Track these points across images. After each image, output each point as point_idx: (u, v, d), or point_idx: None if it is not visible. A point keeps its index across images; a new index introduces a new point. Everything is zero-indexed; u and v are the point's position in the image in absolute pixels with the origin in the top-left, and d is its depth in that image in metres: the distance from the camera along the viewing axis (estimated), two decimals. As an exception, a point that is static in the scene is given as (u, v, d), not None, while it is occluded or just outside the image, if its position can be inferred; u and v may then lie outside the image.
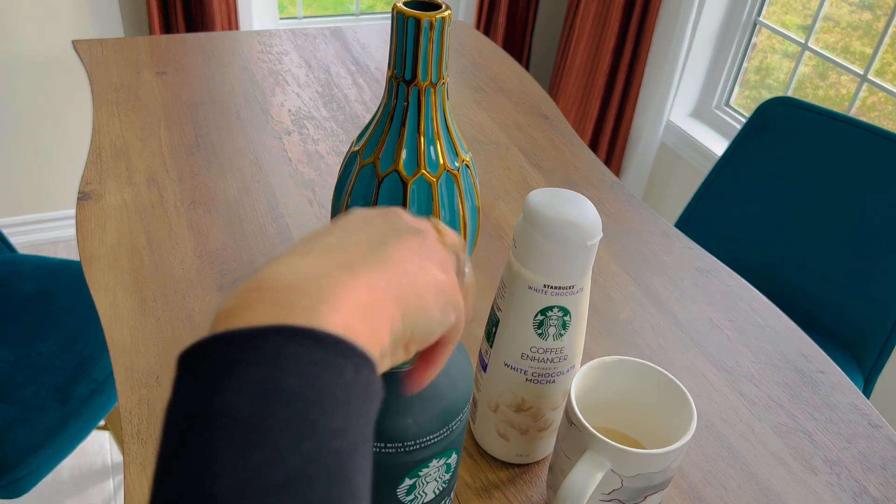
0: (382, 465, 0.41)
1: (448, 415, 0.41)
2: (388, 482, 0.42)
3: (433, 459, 0.42)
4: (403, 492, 0.43)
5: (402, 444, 0.40)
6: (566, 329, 0.52)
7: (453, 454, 0.44)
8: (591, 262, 0.50)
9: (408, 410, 0.40)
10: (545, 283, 0.49)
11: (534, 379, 0.54)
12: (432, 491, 0.45)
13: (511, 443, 0.58)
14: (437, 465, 0.43)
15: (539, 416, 0.56)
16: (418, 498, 0.44)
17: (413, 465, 0.42)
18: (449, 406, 0.41)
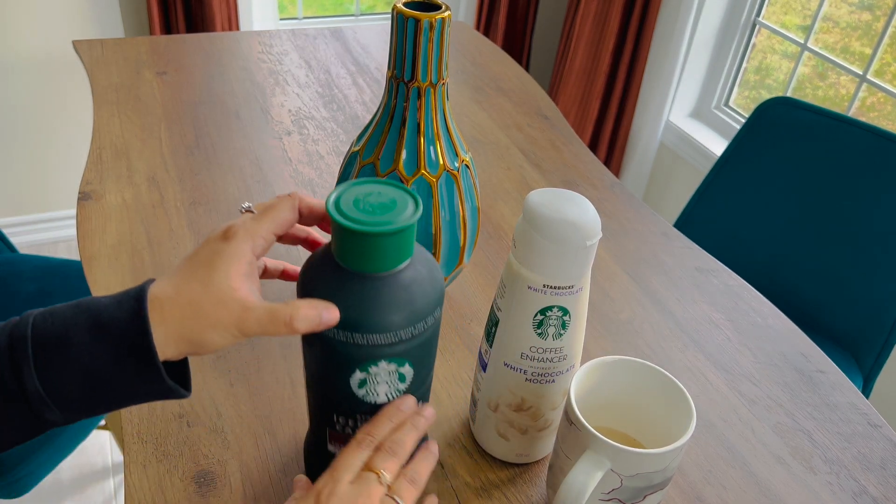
0: (337, 351, 0.45)
1: (399, 323, 0.44)
2: (341, 369, 0.46)
3: (382, 360, 0.46)
4: (356, 383, 0.47)
5: (353, 336, 0.44)
6: (566, 329, 0.52)
7: (406, 364, 0.47)
8: (590, 262, 0.50)
9: (363, 310, 0.43)
10: (545, 282, 0.49)
11: (533, 379, 0.54)
12: (384, 393, 0.48)
13: (511, 442, 0.58)
14: (387, 368, 0.46)
15: (539, 416, 0.56)
16: (370, 395, 0.48)
17: (363, 360, 0.45)
18: (402, 317, 0.44)
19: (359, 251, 0.43)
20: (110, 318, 0.40)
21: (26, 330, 0.39)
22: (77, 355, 0.39)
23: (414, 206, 0.44)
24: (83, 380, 0.39)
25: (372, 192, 0.45)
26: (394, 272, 0.44)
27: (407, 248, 0.44)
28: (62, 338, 0.39)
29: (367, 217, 0.43)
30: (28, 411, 0.39)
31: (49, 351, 0.39)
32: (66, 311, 0.40)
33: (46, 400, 0.39)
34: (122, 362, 0.39)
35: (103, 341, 0.39)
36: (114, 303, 0.40)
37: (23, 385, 0.38)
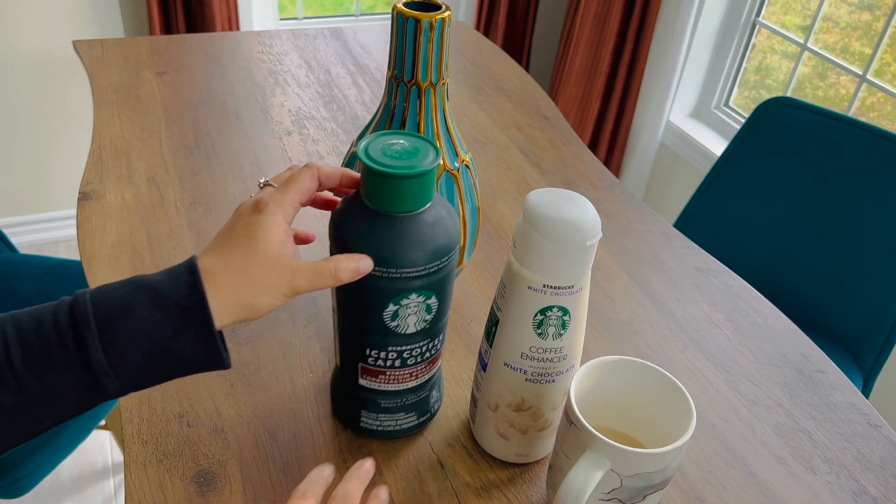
0: (372, 287, 0.50)
1: (427, 257, 0.50)
2: (376, 304, 0.51)
3: (413, 293, 0.51)
4: (388, 316, 0.52)
5: (387, 270, 0.49)
6: (566, 329, 0.52)
7: (433, 297, 0.52)
8: (590, 262, 0.50)
9: (395, 246, 0.49)
10: (545, 282, 0.49)
11: (533, 379, 0.54)
12: (414, 325, 0.53)
13: (511, 443, 0.58)
14: (416, 300, 0.52)
15: (539, 416, 0.56)
16: (401, 326, 0.53)
17: (396, 293, 0.51)
18: (429, 251, 0.50)
19: (393, 193, 0.48)
20: (167, 291, 0.42)
21: (86, 305, 0.41)
22: (139, 325, 0.41)
23: (435, 152, 0.50)
24: (144, 349, 0.41)
25: (395, 142, 0.50)
26: (421, 212, 0.50)
27: (431, 189, 0.50)
28: (124, 310, 0.41)
29: (397, 162, 0.48)
30: (89, 382, 0.41)
31: (113, 323, 0.41)
32: (122, 287, 0.42)
33: (108, 370, 0.41)
34: (181, 332, 0.42)
35: (163, 312, 0.41)
36: (167, 278, 0.43)
37: (87, 356, 0.40)
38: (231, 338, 0.69)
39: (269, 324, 0.71)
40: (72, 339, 0.40)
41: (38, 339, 0.40)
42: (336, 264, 0.46)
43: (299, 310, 0.73)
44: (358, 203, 0.51)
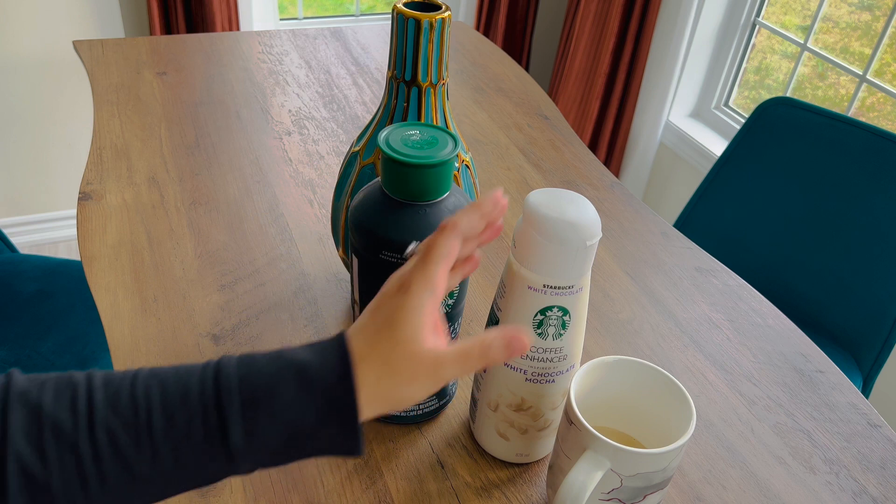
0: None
1: None
2: None
3: None
4: None
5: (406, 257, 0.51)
6: (566, 329, 0.52)
7: None
8: (590, 262, 0.50)
9: (421, 234, 0.51)
10: (545, 282, 0.49)
11: (533, 378, 0.54)
12: None
13: (511, 442, 0.58)
14: None
15: (539, 416, 0.56)
16: None
17: None
18: None
19: (417, 183, 0.50)
20: (317, 375, 0.40)
21: (231, 381, 0.39)
22: (283, 410, 0.39)
23: (454, 142, 0.51)
24: (284, 435, 0.39)
25: (413, 133, 0.52)
26: (442, 200, 0.52)
27: (451, 178, 0.52)
28: (270, 391, 0.39)
29: (418, 152, 0.50)
30: (223, 461, 0.39)
31: (258, 404, 0.39)
32: (270, 364, 0.40)
33: (245, 453, 0.39)
34: (324, 420, 0.40)
35: (310, 398, 0.39)
36: (317, 358, 0.41)
37: (227, 436, 0.38)
38: (231, 337, 0.69)
39: (269, 324, 0.71)
40: (215, 416, 0.39)
41: (183, 411, 0.38)
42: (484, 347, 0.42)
43: (299, 310, 0.73)
44: (378, 194, 0.52)
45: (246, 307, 0.73)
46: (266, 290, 0.75)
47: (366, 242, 0.52)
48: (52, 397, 0.38)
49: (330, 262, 0.80)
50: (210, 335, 0.69)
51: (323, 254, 0.81)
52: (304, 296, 0.75)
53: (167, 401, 0.39)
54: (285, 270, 0.78)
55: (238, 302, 0.73)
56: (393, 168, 0.50)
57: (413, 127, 0.53)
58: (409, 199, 0.51)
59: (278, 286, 0.76)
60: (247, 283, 0.76)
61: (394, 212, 0.51)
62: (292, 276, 0.78)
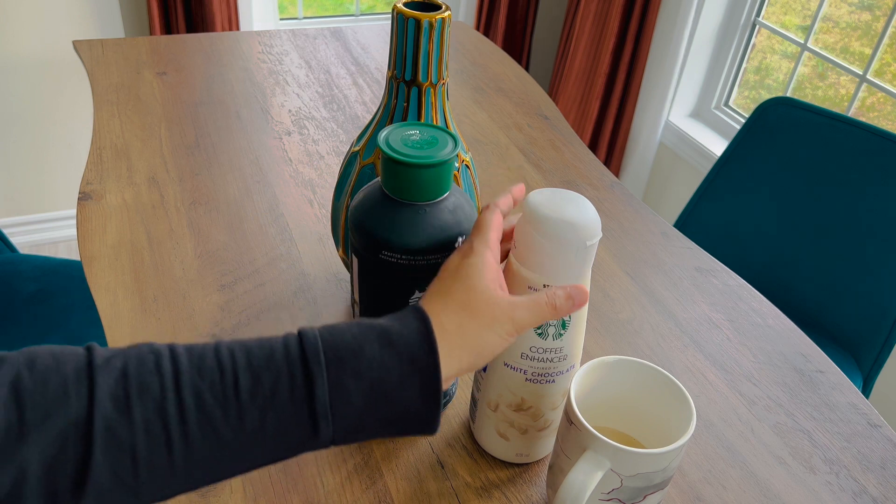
0: (399, 276, 0.52)
1: (451, 243, 0.52)
2: (402, 292, 0.53)
3: None
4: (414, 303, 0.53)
5: (414, 258, 0.51)
6: (566, 329, 0.52)
7: None
8: (590, 262, 0.50)
9: (421, 234, 0.51)
10: (544, 282, 0.49)
11: (533, 378, 0.54)
12: None
13: (511, 442, 0.58)
14: None
15: (539, 416, 0.56)
16: None
17: (422, 280, 0.53)
18: (453, 237, 0.52)
19: (417, 183, 0.50)
20: (398, 335, 0.41)
21: (316, 341, 0.40)
22: (368, 368, 0.40)
23: (454, 141, 0.52)
24: (368, 394, 0.40)
25: (413, 133, 0.52)
26: (442, 199, 0.52)
27: (451, 177, 0.52)
28: (356, 350, 0.40)
29: (418, 152, 0.50)
30: (307, 424, 0.39)
31: (343, 362, 0.39)
32: (352, 327, 0.41)
33: (328, 412, 0.39)
34: (406, 379, 0.40)
35: (393, 356, 0.40)
36: (396, 323, 0.42)
37: (312, 394, 0.39)
38: (231, 337, 0.69)
39: (269, 324, 0.71)
40: (301, 372, 0.39)
41: (269, 371, 0.38)
42: (551, 296, 0.46)
43: (299, 310, 0.73)
44: (378, 194, 0.52)
45: (246, 307, 0.73)
46: (266, 290, 0.75)
47: (366, 242, 0.52)
48: (136, 362, 0.38)
49: (330, 262, 0.80)
50: (210, 335, 0.69)
51: (323, 254, 0.81)
52: (304, 296, 0.75)
53: (252, 362, 0.39)
54: (285, 270, 0.78)
55: (238, 302, 0.73)
56: (393, 168, 0.50)
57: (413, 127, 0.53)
58: (409, 199, 0.51)
59: (278, 286, 0.76)
60: (247, 283, 0.76)
61: (394, 212, 0.51)
62: (292, 276, 0.78)
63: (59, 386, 0.36)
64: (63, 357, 0.37)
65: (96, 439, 0.35)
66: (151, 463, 0.36)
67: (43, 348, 0.38)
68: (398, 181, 0.51)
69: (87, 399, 0.36)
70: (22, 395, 0.35)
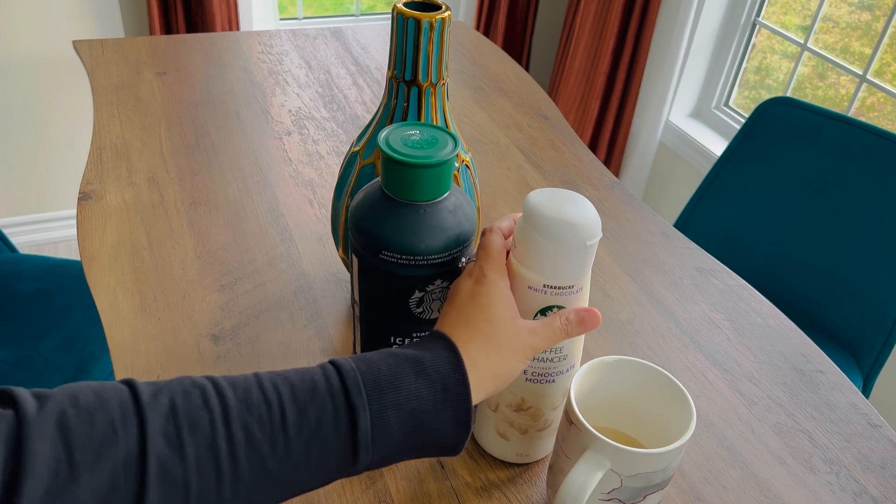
0: (399, 277, 0.52)
1: (450, 243, 0.52)
2: (403, 292, 0.53)
3: (437, 279, 0.53)
4: (414, 303, 0.54)
5: (414, 258, 0.51)
6: None
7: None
8: (590, 262, 0.50)
9: (421, 234, 0.51)
10: (545, 282, 0.49)
11: (533, 378, 0.54)
12: (437, 309, 0.55)
13: (511, 443, 0.58)
14: (441, 286, 0.54)
15: (539, 416, 0.56)
16: (425, 312, 0.55)
17: (422, 280, 0.53)
18: (452, 237, 0.52)
19: (417, 183, 0.50)
20: (432, 365, 0.43)
21: (355, 374, 0.41)
22: (406, 398, 0.41)
23: (453, 141, 0.52)
24: (406, 423, 0.41)
25: (413, 133, 0.52)
26: (442, 199, 0.52)
27: (451, 177, 0.52)
28: (394, 381, 0.41)
29: (418, 152, 0.50)
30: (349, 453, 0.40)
31: (384, 392, 0.41)
32: (385, 359, 0.43)
33: (370, 443, 0.40)
34: (441, 408, 0.42)
35: (428, 386, 0.42)
36: (426, 353, 0.43)
37: (356, 426, 0.40)
38: (231, 337, 0.69)
39: (269, 324, 0.71)
40: (343, 404, 0.40)
41: (314, 405, 0.39)
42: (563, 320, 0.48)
43: (299, 310, 0.73)
44: (378, 194, 0.53)
45: (246, 307, 0.73)
46: (266, 290, 0.75)
47: (366, 242, 0.52)
48: (183, 398, 0.38)
49: (330, 262, 0.80)
50: (210, 335, 0.69)
51: (323, 254, 0.81)
52: (304, 296, 0.75)
53: (297, 396, 0.39)
54: (285, 270, 0.78)
55: (238, 302, 0.73)
56: (393, 168, 0.50)
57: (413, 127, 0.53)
58: (409, 199, 0.51)
59: (278, 286, 0.76)
60: (247, 283, 0.76)
61: (394, 212, 0.51)
62: (292, 276, 0.78)
63: (106, 423, 0.35)
64: (105, 393, 0.37)
65: (150, 477, 0.35)
66: (202, 498, 0.37)
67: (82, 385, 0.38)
68: (398, 181, 0.51)
69: (139, 436, 0.36)
70: (69, 434, 0.35)
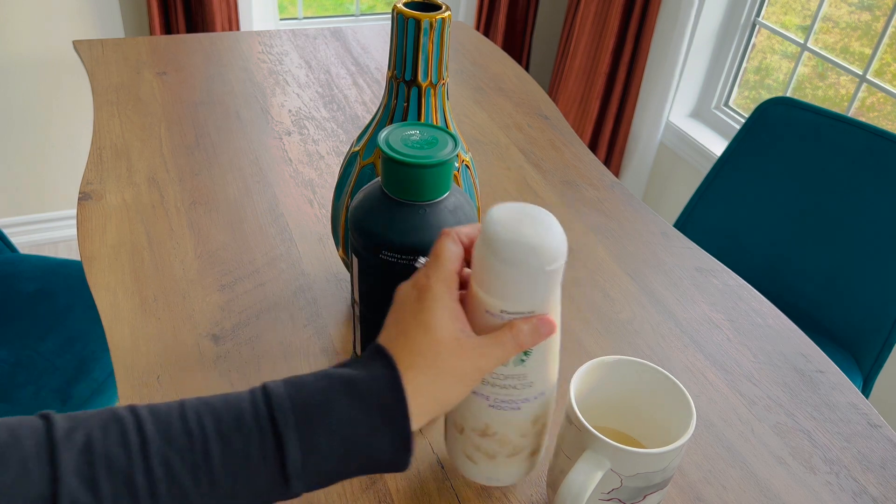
0: (399, 277, 0.52)
1: None
2: None
3: None
4: None
5: (415, 259, 0.51)
6: (528, 355, 0.47)
7: None
8: (554, 287, 0.45)
9: (421, 234, 0.51)
10: (502, 308, 0.44)
11: (496, 405, 0.49)
12: None
13: (479, 466, 0.53)
14: None
15: (506, 443, 0.51)
16: None
17: None
18: None
19: (417, 183, 0.50)
20: (367, 387, 0.40)
21: (284, 401, 0.39)
22: (338, 424, 0.39)
23: (453, 141, 0.52)
24: (339, 449, 0.39)
25: (413, 133, 0.52)
26: (442, 199, 0.52)
27: (451, 177, 0.52)
28: (323, 406, 0.39)
29: (419, 152, 0.50)
30: (279, 481, 0.38)
31: (312, 420, 0.39)
32: (318, 381, 0.40)
33: (301, 472, 0.38)
34: (378, 432, 0.40)
35: (363, 411, 0.39)
36: (363, 372, 0.41)
37: (284, 457, 0.38)
38: (231, 337, 0.69)
39: (269, 324, 0.71)
40: (271, 435, 0.38)
41: (239, 435, 0.38)
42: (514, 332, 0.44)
43: (299, 310, 0.73)
44: (378, 194, 0.52)
45: (246, 307, 0.73)
46: (266, 290, 0.75)
47: (366, 242, 0.52)
48: (101, 432, 0.36)
49: (330, 262, 0.80)
50: (210, 335, 0.69)
51: (323, 254, 0.81)
52: (304, 296, 0.75)
53: (221, 427, 0.38)
54: (285, 270, 0.78)
55: (238, 302, 0.73)
56: (393, 168, 0.50)
57: (413, 127, 0.53)
58: (409, 199, 0.51)
59: (278, 286, 0.76)
60: (247, 283, 0.76)
61: (394, 212, 0.51)
62: (292, 276, 0.78)
63: (19, 464, 0.34)
64: (20, 431, 0.36)
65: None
66: None
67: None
68: (398, 181, 0.51)
69: (51, 477, 0.34)
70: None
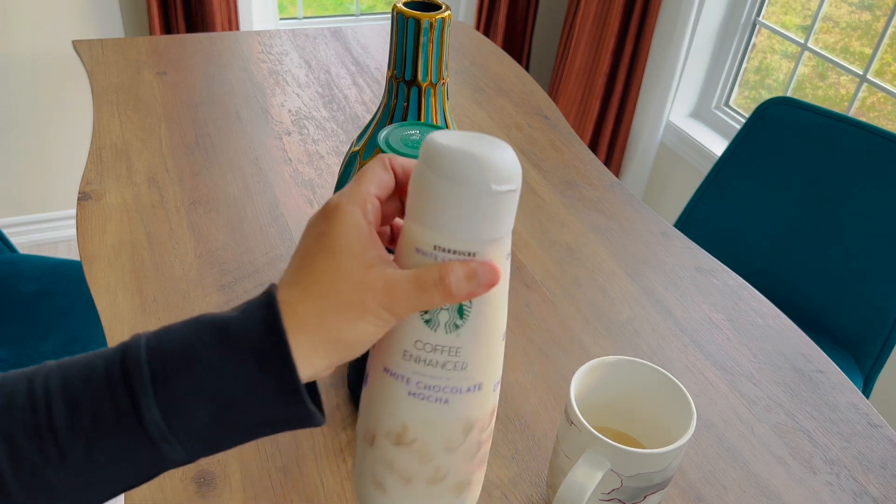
0: None
1: None
2: None
3: None
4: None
5: None
6: (463, 318, 0.36)
7: None
8: (503, 221, 0.35)
9: None
10: (436, 243, 0.35)
11: (419, 393, 0.37)
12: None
13: (389, 496, 0.40)
14: None
15: (427, 458, 0.38)
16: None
17: None
18: None
19: None
20: (239, 330, 0.33)
21: (139, 353, 0.33)
22: (203, 377, 0.33)
23: None
24: (211, 406, 0.33)
25: (413, 132, 0.52)
26: None
27: None
28: (184, 357, 0.33)
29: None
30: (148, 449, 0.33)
31: (170, 374, 0.33)
32: (184, 328, 0.34)
33: (167, 434, 0.33)
34: (257, 383, 0.33)
35: (234, 359, 0.33)
36: (239, 315, 0.34)
37: (141, 417, 0.32)
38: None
39: (269, 324, 0.71)
40: (125, 394, 0.32)
41: (86, 397, 0.32)
42: (444, 272, 0.34)
43: (299, 310, 0.73)
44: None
45: (246, 307, 0.73)
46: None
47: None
48: None
49: (330, 262, 0.80)
50: (210, 335, 0.69)
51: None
52: (303, 296, 0.75)
53: (68, 389, 0.33)
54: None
55: (238, 302, 0.73)
56: None
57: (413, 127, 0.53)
58: None
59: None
60: (247, 283, 0.76)
61: None
62: (292, 276, 0.78)
63: None
64: None
65: None
66: None
67: None
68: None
69: None
70: None
